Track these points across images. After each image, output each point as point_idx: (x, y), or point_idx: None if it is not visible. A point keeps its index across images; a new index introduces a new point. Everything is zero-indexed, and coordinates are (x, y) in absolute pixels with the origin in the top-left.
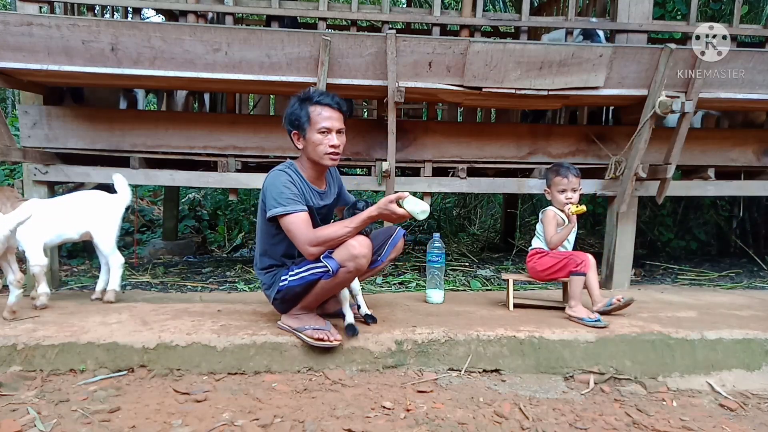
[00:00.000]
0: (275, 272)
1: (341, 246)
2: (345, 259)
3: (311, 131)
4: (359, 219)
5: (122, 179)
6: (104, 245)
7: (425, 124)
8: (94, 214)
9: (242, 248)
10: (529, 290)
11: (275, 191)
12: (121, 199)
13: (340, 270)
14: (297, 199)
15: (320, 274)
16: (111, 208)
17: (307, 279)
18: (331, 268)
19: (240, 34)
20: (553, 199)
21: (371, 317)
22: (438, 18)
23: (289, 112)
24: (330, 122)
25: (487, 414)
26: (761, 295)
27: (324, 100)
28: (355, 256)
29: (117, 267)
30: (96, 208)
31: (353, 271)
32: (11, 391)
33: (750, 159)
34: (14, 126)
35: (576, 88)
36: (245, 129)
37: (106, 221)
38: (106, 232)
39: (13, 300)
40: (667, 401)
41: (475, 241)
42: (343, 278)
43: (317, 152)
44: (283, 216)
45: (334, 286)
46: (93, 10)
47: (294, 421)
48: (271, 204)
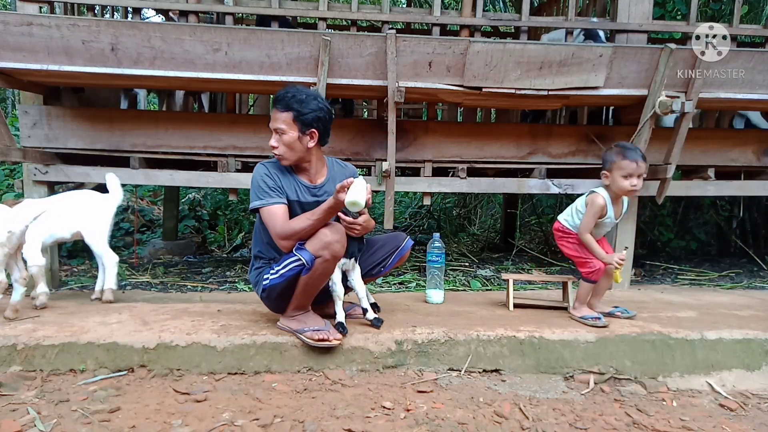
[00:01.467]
0: (260, 271)
1: (313, 236)
2: (318, 248)
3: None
4: (321, 210)
5: (115, 179)
6: (96, 245)
7: (425, 124)
8: (85, 214)
9: (242, 248)
10: (529, 290)
11: (254, 185)
12: (113, 198)
13: (316, 261)
14: (272, 191)
15: (298, 269)
16: (101, 207)
17: (286, 276)
18: (305, 260)
19: (240, 34)
20: (614, 183)
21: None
22: (438, 18)
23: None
24: (272, 122)
25: (487, 414)
26: (761, 295)
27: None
28: (328, 243)
29: (111, 266)
30: (86, 207)
31: (330, 259)
32: (11, 391)
33: (750, 159)
34: (14, 126)
35: (576, 88)
36: (245, 129)
37: (97, 221)
38: (96, 232)
39: (18, 298)
40: (667, 401)
41: (475, 241)
42: (322, 269)
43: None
44: (260, 209)
45: (316, 278)
46: (93, 10)
47: (294, 421)
48: (251, 198)
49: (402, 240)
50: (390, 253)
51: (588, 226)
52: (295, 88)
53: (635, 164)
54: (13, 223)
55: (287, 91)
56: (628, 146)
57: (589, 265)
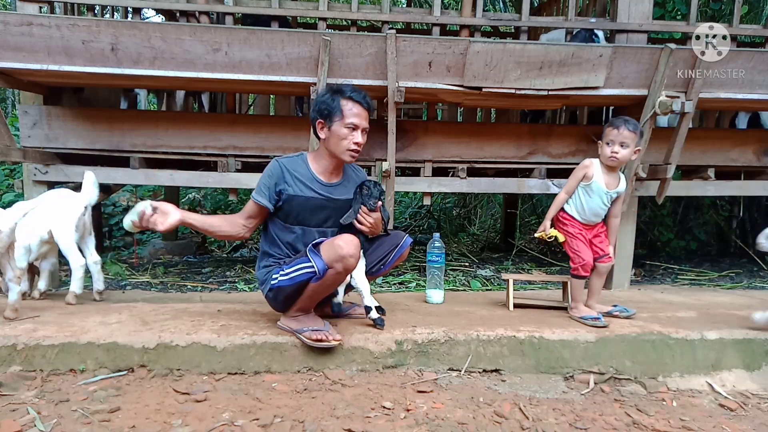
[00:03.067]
0: (269, 270)
1: (329, 246)
2: (332, 259)
3: (339, 124)
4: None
5: (90, 177)
6: (61, 244)
7: (425, 124)
8: (55, 213)
9: (242, 248)
10: (529, 290)
11: (261, 179)
12: (83, 197)
13: (328, 271)
14: (263, 191)
15: (309, 275)
16: (70, 206)
17: (296, 280)
18: (317, 269)
19: (240, 34)
20: (601, 150)
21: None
22: (438, 18)
23: (319, 101)
24: (359, 119)
25: (487, 414)
26: (761, 295)
27: (356, 96)
28: (343, 256)
29: (75, 268)
30: (57, 206)
31: (341, 271)
32: (11, 391)
33: (750, 159)
34: (14, 126)
35: (576, 88)
36: (245, 129)
37: (63, 220)
38: (62, 231)
39: (15, 297)
40: (667, 401)
41: (475, 241)
42: (332, 280)
43: (340, 146)
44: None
45: (325, 287)
46: (93, 10)
47: (294, 421)
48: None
49: (401, 238)
50: (389, 251)
51: (569, 187)
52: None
53: (616, 130)
54: (1, 223)
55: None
56: (622, 117)
57: (575, 260)
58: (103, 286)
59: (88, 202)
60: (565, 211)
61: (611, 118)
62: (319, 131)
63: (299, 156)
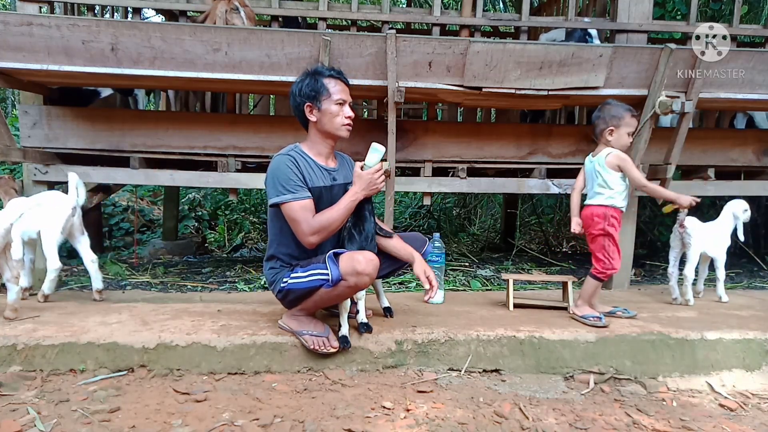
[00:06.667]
0: (278, 271)
1: (348, 258)
2: (348, 272)
3: (328, 102)
4: (345, 199)
5: (75, 179)
6: (44, 244)
7: (425, 124)
8: (42, 214)
9: (242, 248)
10: (529, 290)
11: (280, 176)
12: (69, 200)
13: (341, 282)
14: (300, 185)
15: (322, 282)
16: (56, 209)
17: (308, 285)
18: (332, 276)
19: (240, 34)
20: (619, 140)
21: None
22: (438, 18)
23: (302, 85)
24: (345, 95)
25: (487, 414)
26: (761, 295)
27: (335, 74)
28: (359, 272)
29: (50, 270)
30: (44, 208)
31: (353, 286)
32: (11, 391)
33: (750, 159)
34: (14, 126)
35: (576, 88)
36: (245, 129)
37: (49, 222)
38: (46, 233)
39: (14, 297)
40: (667, 401)
41: (475, 241)
42: (342, 291)
43: (334, 123)
44: (284, 204)
45: (334, 297)
46: (93, 10)
47: (294, 421)
48: (273, 192)
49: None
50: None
51: (640, 176)
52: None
53: (635, 119)
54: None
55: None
56: (623, 104)
57: (606, 265)
58: (102, 285)
59: (75, 203)
60: (615, 207)
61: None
62: (308, 115)
63: (294, 148)
